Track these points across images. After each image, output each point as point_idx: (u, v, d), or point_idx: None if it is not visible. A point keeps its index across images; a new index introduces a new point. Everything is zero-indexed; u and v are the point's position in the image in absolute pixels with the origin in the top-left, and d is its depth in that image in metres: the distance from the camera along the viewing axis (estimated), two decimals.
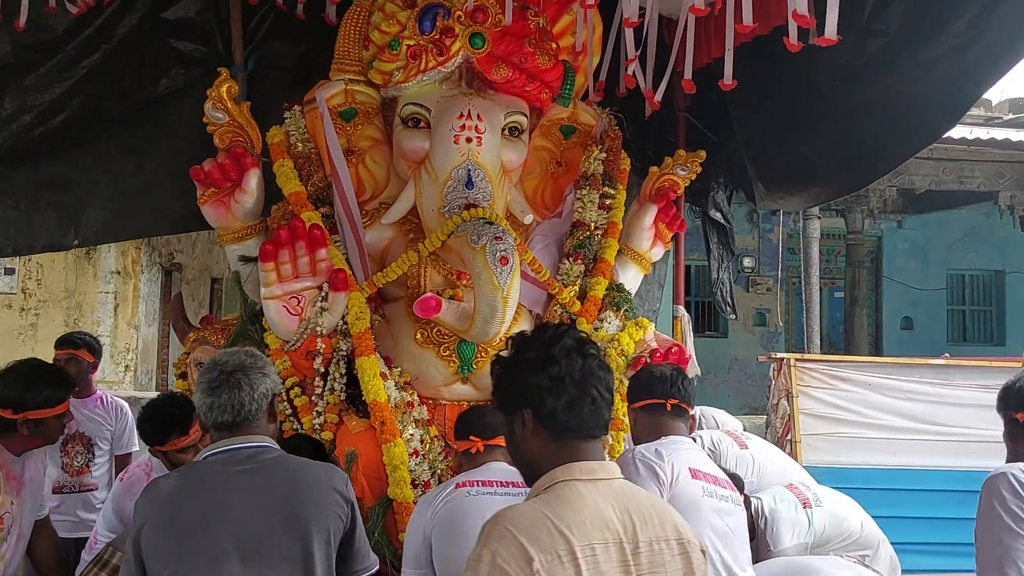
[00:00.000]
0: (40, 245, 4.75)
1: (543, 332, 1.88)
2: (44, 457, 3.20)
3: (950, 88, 3.63)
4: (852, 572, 2.96)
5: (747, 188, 5.13)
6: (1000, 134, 9.40)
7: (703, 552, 1.82)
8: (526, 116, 3.80)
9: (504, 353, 1.87)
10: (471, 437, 2.97)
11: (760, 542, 3.61)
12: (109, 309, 9.38)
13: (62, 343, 4.65)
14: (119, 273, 9.42)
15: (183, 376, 3.90)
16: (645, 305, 5.69)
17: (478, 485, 2.87)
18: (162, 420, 3.33)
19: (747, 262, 13.19)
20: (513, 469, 3.03)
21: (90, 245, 7.95)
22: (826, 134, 4.26)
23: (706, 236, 5.35)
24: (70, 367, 4.53)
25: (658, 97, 3.58)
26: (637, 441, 3.01)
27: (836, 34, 2.69)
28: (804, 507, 3.69)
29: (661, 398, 2.97)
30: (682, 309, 5.06)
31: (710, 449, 4.04)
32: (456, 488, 2.83)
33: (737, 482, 3.58)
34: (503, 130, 3.68)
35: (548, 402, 1.77)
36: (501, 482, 2.86)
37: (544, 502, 1.70)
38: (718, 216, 5.32)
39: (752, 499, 3.72)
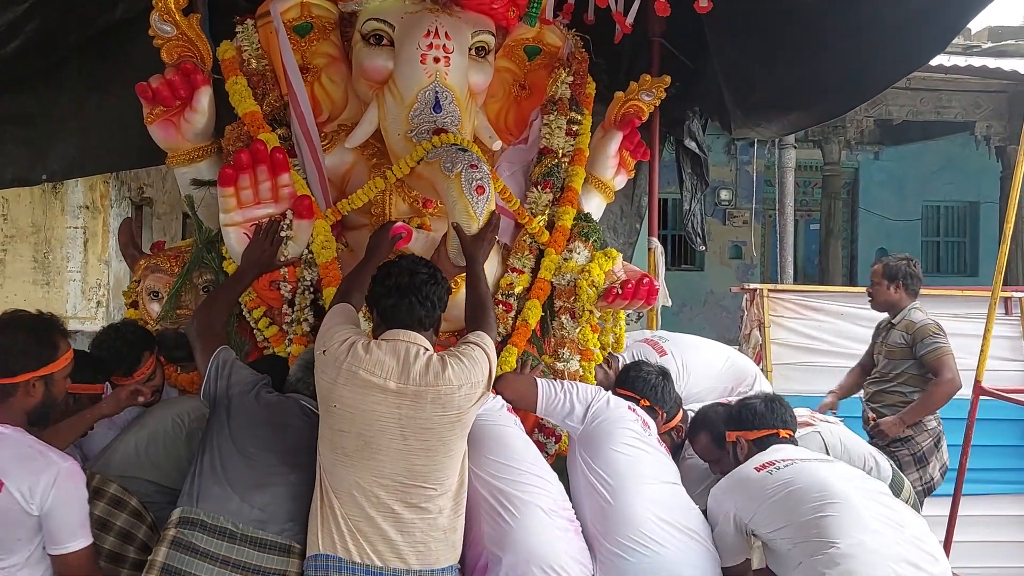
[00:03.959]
0: (8, 179, 4.68)
1: (393, 261, 2.88)
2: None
3: (934, 14, 3.55)
4: (862, 479, 3.07)
5: (723, 116, 5.07)
6: (978, 62, 9.32)
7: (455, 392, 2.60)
8: (493, 36, 3.60)
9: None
10: None
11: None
12: (79, 244, 9.22)
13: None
14: (88, 208, 9.24)
15: (134, 305, 3.79)
16: (622, 238, 5.68)
17: None
18: (109, 354, 3.24)
19: (724, 194, 13.16)
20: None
21: (59, 180, 7.84)
22: (807, 60, 4.18)
23: (679, 165, 5.30)
24: None
25: (630, 20, 3.45)
26: None
27: None
28: None
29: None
30: (656, 241, 5.05)
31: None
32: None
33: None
34: (470, 50, 3.48)
35: (382, 302, 2.74)
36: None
37: (367, 341, 2.62)
38: (692, 145, 5.27)
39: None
